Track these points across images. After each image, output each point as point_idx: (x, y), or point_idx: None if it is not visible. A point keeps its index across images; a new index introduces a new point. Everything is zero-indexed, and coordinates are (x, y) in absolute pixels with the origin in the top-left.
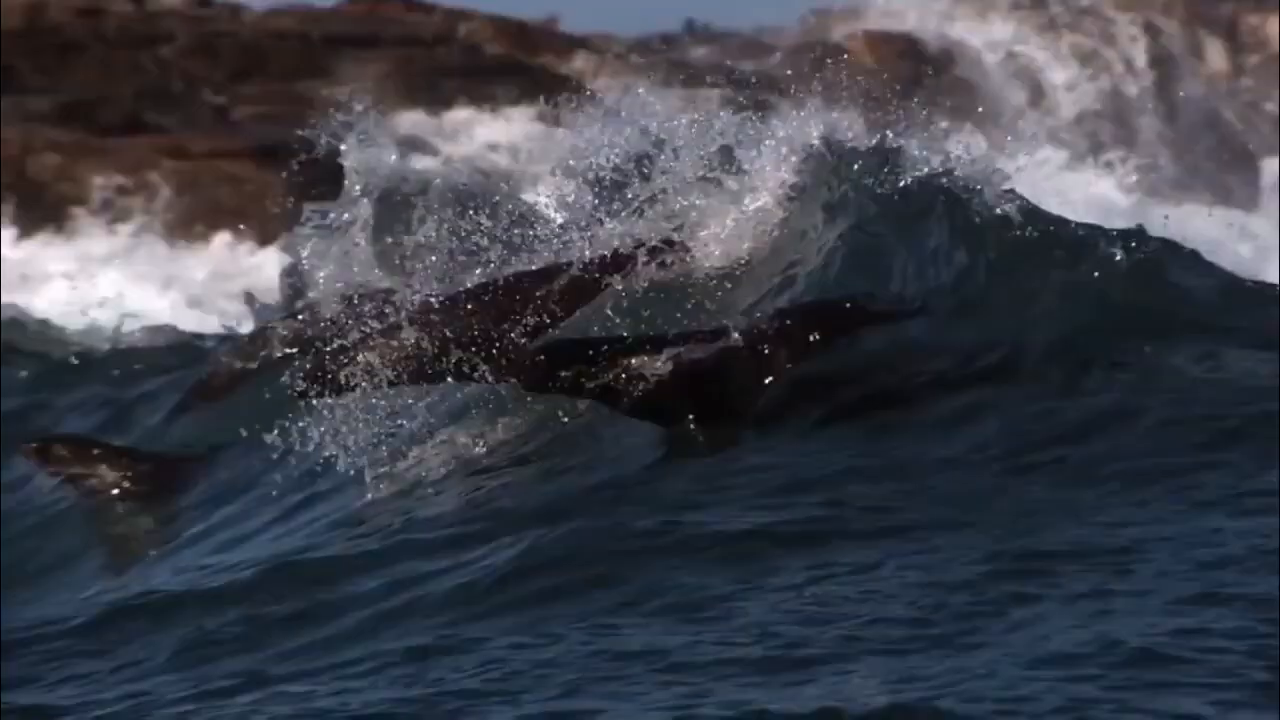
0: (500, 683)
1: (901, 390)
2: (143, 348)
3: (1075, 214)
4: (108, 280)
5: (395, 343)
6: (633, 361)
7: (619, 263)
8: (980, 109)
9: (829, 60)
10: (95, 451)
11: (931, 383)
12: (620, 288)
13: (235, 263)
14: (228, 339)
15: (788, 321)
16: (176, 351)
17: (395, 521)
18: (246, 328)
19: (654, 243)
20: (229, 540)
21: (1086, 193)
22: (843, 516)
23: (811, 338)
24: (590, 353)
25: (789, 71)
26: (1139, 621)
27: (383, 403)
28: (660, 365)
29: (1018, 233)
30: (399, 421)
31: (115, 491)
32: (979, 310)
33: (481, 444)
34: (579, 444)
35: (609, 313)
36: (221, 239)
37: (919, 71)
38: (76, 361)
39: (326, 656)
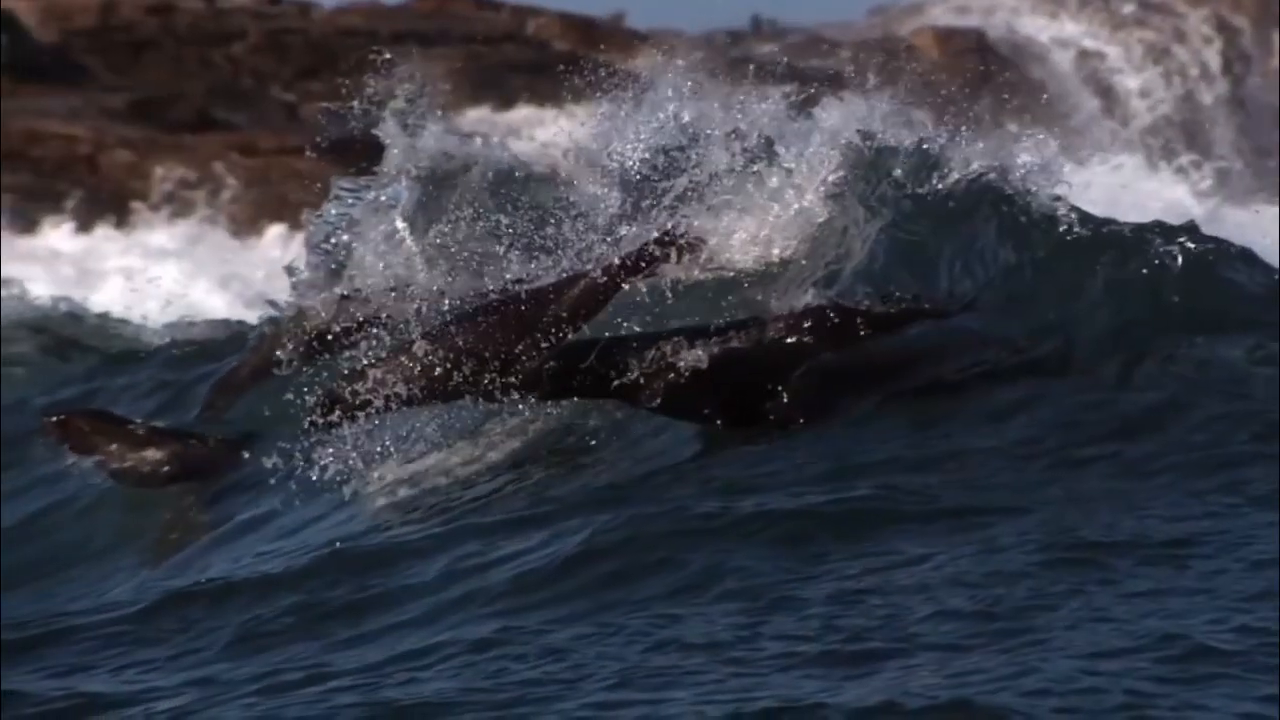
0: (560, 672)
1: (952, 382)
2: (201, 341)
3: (1146, 219)
4: (168, 274)
5: (406, 364)
6: (663, 357)
7: (631, 265)
8: (1048, 107)
9: (895, 56)
10: (123, 430)
11: (982, 375)
12: (641, 287)
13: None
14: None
15: (822, 317)
16: (234, 345)
17: (451, 509)
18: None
19: (661, 236)
20: (281, 527)
21: (1161, 199)
22: (897, 505)
23: (847, 334)
24: (615, 351)
25: (851, 69)
26: (1197, 616)
27: None
28: (691, 359)
29: (1068, 230)
30: (452, 408)
31: (149, 473)
32: (1029, 305)
33: (534, 431)
34: (630, 430)
35: (646, 310)
36: (283, 234)
37: (986, 68)
38: (133, 354)
39: (386, 646)
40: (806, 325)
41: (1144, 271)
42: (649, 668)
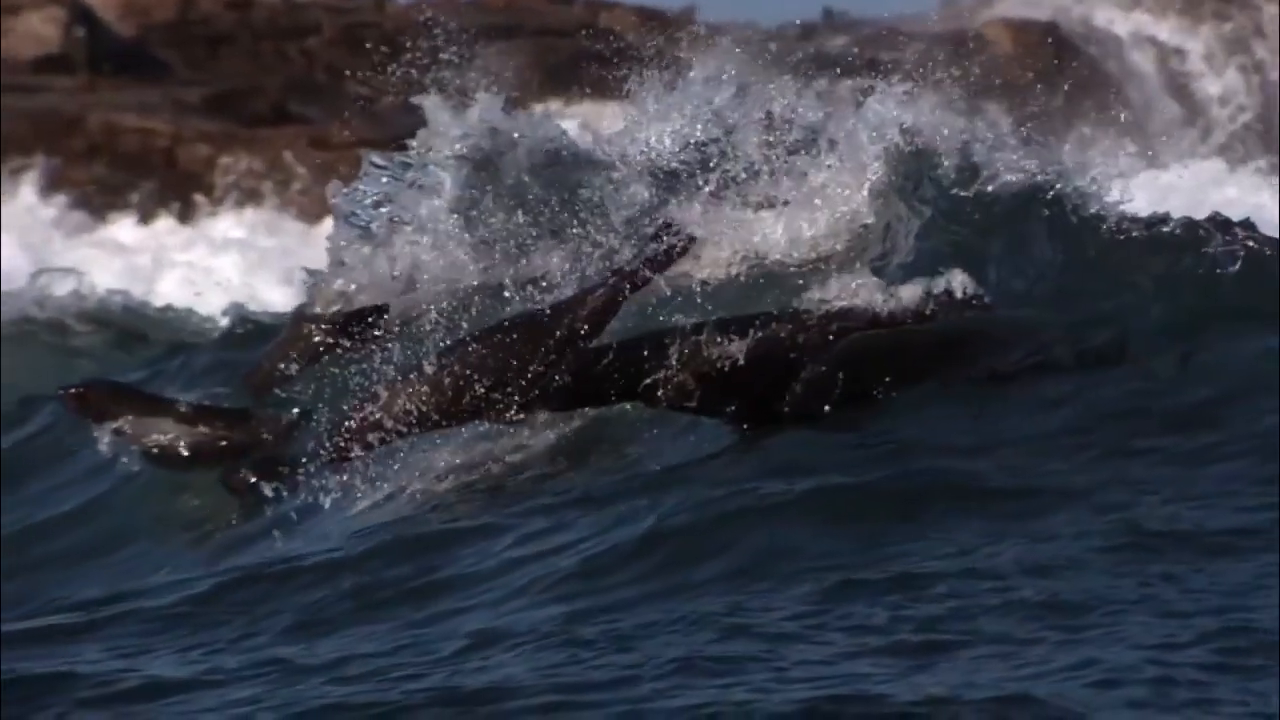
0: (623, 658)
1: (1005, 372)
2: (262, 331)
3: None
4: (234, 266)
5: (416, 388)
6: (691, 355)
7: (638, 274)
8: (1121, 100)
9: (966, 48)
10: (149, 402)
11: (1034, 366)
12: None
13: None
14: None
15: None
16: None
17: (511, 493)
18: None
19: (658, 240)
20: (340, 510)
21: (1244, 204)
22: (956, 489)
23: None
24: (638, 353)
25: (921, 62)
26: (1259, 608)
27: None
28: (723, 355)
29: (1121, 225)
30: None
31: (180, 449)
32: (1082, 299)
33: (592, 415)
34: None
35: (676, 306)
36: None
37: (1058, 60)
38: (194, 344)
39: (450, 631)
40: (838, 323)
41: (1199, 266)
42: (713, 654)
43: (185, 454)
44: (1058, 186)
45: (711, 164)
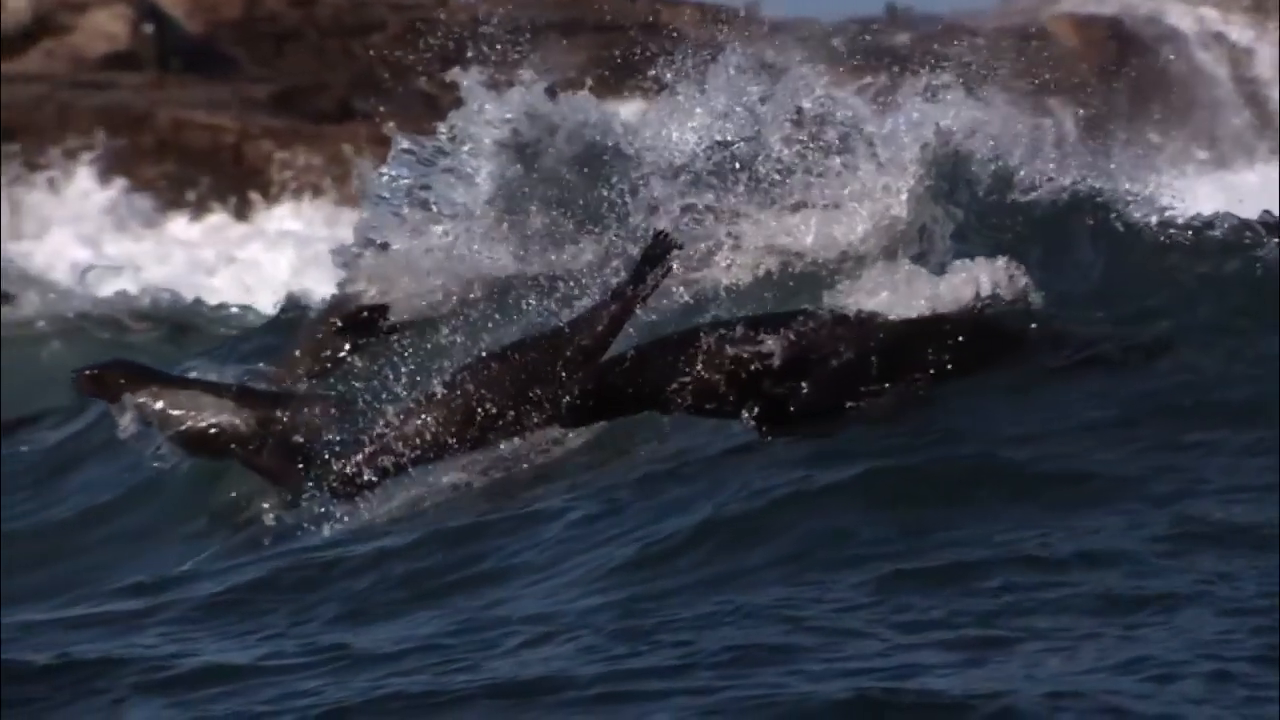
0: (677, 649)
1: (1054, 368)
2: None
3: None
4: (287, 262)
5: (425, 419)
6: (717, 356)
7: (637, 293)
8: (1184, 95)
9: (1031, 43)
10: (166, 381)
11: (1083, 362)
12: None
13: None
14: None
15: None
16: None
17: (564, 481)
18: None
19: (651, 258)
20: (389, 495)
21: None
22: (1009, 479)
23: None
24: (659, 360)
25: (984, 57)
26: None
27: None
28: (756, 352)
29: (1170, 227)
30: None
31: (201, 429)
32: (1126, 297)
33: None
34: None
35: (704, 306)
36: None
37: (1123, 56)
38: (245, 338)
39: (502, 621)
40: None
41: (1248, 266)
42: (766, 645)
43: (209, 433)
44: (1106, 188)
45: (745, 163)
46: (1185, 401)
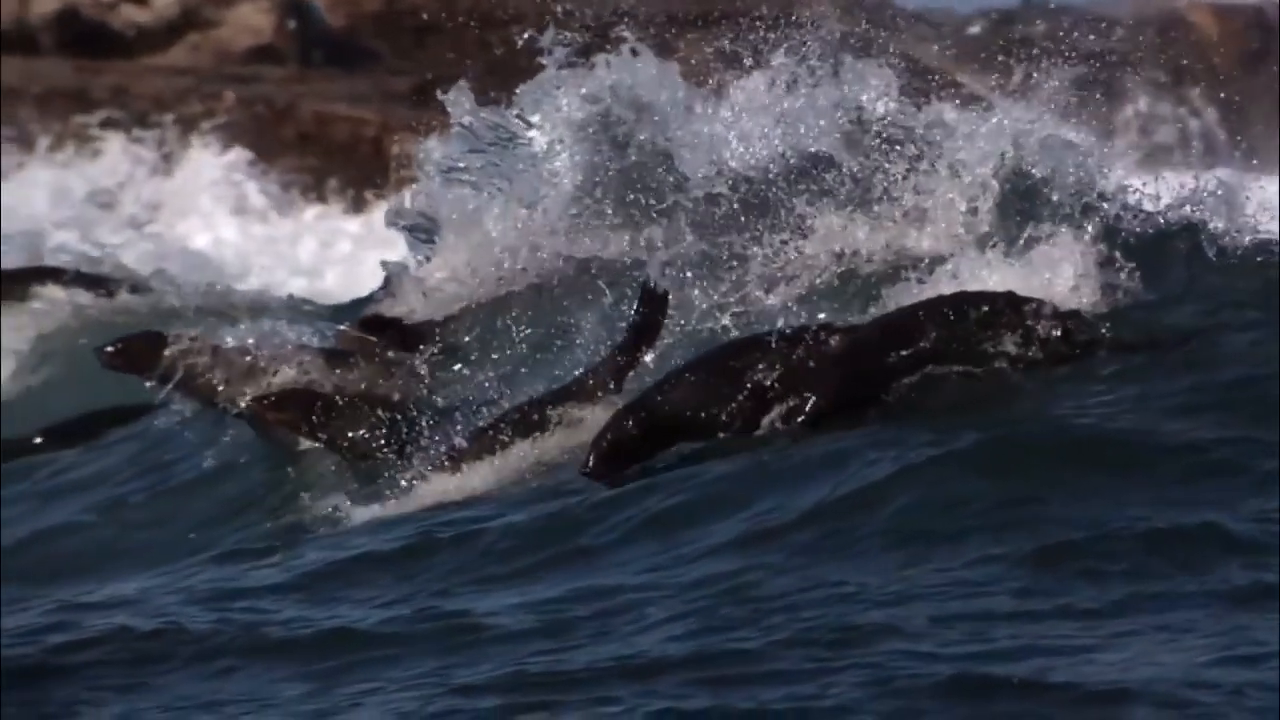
0: (790, 628)
1: (1104, 364)
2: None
3: None
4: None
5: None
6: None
7: (641, 343)
8: None
9: (1171, 34)
10: (196, 345)
11: (1146, 364)
12: None
13: None
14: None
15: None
16: (470, 323)
17: (662, 462)
18: None
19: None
20: (491, 473)
21: None
22: (1123, 459)
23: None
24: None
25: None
26: None
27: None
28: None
29: (1221, 239)
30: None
31: (234, 389)
32: (1185, 306)
33: None
34: None
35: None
36: None
37: (1264, 46)
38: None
39: (614, 594)
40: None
41: None
42: (875, 624)
43: (229, 388)
44: (1214, 191)
45: (829, 163)
46: (1240, 402)
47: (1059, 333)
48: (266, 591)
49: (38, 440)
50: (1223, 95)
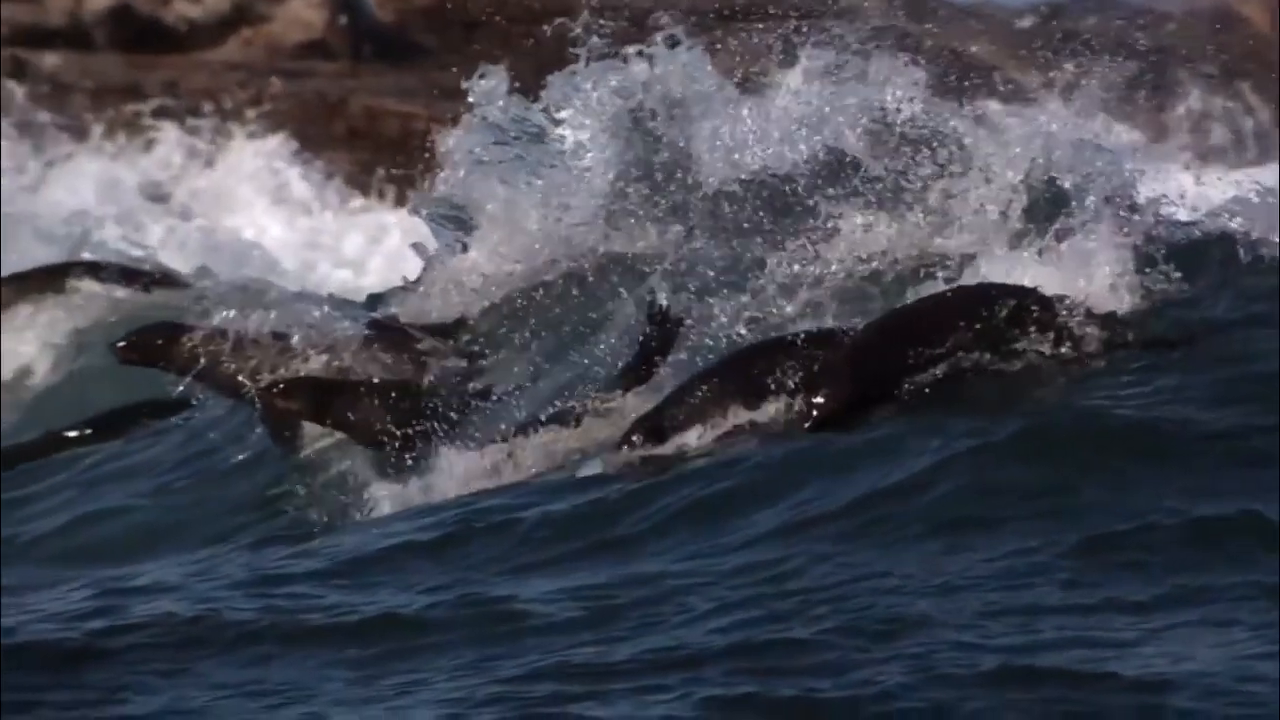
0: (832, 620)
1: (1139, 357)
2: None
3: None
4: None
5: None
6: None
7: (649, 365)
8: None
9: (1224, 29)
10: (215, 335)
11: (1182, 357)
12: None
13: None
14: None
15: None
16: (498, 320)
17: (703, 449)
18: None
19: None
20: (532, 457)
21: None
22: (1164, 448)
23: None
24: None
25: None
26: None
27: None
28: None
29: (1260, 240)
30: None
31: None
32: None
33: None
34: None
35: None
36: None
37: None
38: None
39: (655, 582)
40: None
41: None
42: (918, 614)
43: (238, 378)
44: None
45: (860, 162)
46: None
47: (1091, 330)
48: (307, 578)
49: (75, 434)
50: (1277, 91)
